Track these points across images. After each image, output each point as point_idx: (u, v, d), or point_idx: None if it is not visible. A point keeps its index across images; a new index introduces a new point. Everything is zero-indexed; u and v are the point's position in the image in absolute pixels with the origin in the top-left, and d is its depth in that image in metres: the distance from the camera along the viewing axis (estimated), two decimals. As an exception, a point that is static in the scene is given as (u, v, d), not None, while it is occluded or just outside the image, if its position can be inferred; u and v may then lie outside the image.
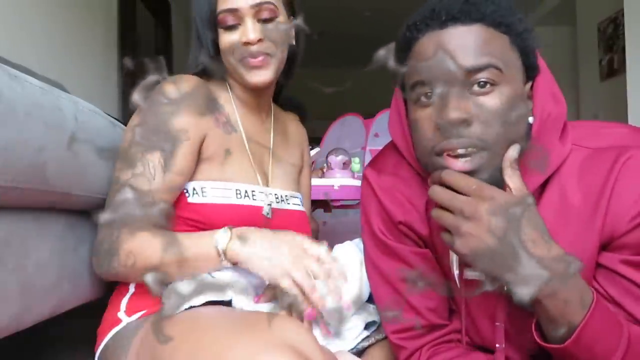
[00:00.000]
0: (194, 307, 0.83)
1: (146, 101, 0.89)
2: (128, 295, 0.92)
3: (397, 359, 0.87)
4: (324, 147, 2.78)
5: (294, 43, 1.05)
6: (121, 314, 0.90)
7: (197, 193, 0.93)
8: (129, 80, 3.19)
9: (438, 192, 0.70)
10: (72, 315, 1.02)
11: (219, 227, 0.90)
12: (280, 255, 0.82)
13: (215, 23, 0.96)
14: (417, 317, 0.83)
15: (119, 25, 3.19)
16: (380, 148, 0.92)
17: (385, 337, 0.90)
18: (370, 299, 0.98)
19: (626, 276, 0.71)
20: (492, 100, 0.68)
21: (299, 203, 1.11)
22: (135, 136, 0.88)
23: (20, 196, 0.75)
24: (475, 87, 0.69)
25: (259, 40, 0.95)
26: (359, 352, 0.93)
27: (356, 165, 2.09)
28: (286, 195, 1.07)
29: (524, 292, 0.65)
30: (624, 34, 2.94)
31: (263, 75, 0.97)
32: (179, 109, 0.91)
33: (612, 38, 3.96)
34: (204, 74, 1.01)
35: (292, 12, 1.04)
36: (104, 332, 0.90)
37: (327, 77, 7.45)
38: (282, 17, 0.99)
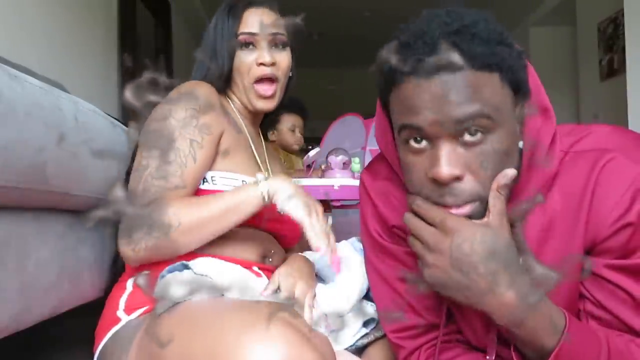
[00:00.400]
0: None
1: (170, 97, 0.99)
2: (126, 294, 0.92)
3: (397, 359, 0.87)
4: (324, 147, 2.77)
5: (290, 74, 1.16)
6: (120, 313, 0.90)
7: (207, 181, 0.99)
8: (129, 80, 3.19)
9: (409, 220, 0.71)
10: (72, 315, 1.02)
11: None
12: (307, 203, 0.91)
13: (234, 46, 1.07)
14: (416, 316, 0.84)
15: (119, 25, 3.20)
16: (380, 148, 0.92)
17: (384, 335, 0.90)
18: (368, 297, 0.99)
19: (611, 280, 0.71)
20: (484, 151, 0.66)
21: None
22: (165, 126, 0.94)
23: (20, 196, 0.75)
24: (467, 136, 0.66)
25: (272, 64, 1.07)
26: (358, 350, 0.94)
27: (356, 165, 2.09)
28: None
29: (493, 319, 0.68)
30: (624, 34, 2.94)
31: (269, 104, 1.11)
32: (204, 106, 0.99)
33: (612, 38, 3.96)
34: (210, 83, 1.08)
35: (292, 47, 1.15)
36: (102, 331, 0.90)
37: (327, 77, 7.47)
38: (288, 49, 1.12)
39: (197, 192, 0.97)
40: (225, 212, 0.90)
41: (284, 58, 1.11)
